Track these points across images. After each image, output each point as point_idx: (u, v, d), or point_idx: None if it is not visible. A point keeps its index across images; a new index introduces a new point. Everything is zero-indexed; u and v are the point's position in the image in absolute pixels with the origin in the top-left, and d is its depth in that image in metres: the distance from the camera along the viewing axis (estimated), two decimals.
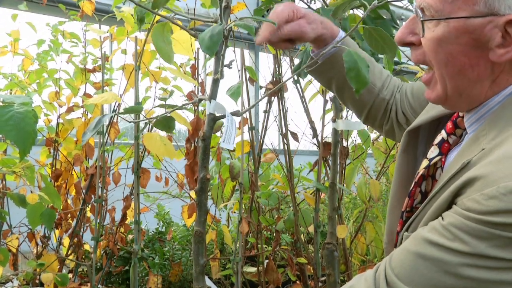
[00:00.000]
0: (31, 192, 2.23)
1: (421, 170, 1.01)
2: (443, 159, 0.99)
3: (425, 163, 1.01)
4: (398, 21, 2.04)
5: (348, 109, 2.74)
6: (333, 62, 1.31)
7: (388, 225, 1.14)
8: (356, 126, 2.28)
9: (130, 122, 1.46)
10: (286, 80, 1.15)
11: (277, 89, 1.46)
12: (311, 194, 2.60)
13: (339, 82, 1.35)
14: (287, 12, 1.19)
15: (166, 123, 1.31)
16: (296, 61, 2.53)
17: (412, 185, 1.01)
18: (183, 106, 1.44)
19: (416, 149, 1.14)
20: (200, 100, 1.24)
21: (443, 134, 1.02)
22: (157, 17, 2.01)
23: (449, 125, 1.02)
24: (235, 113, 1.17)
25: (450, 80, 0.93)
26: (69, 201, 2.78)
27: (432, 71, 0.97)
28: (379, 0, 0.98)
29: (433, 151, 1.01)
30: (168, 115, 1.29)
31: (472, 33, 0.88)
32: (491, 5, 0.86)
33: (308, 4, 2.09)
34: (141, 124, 2.44)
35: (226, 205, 2.63)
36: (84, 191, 2.67)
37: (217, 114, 1.18)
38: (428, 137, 1.12)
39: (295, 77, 2.35)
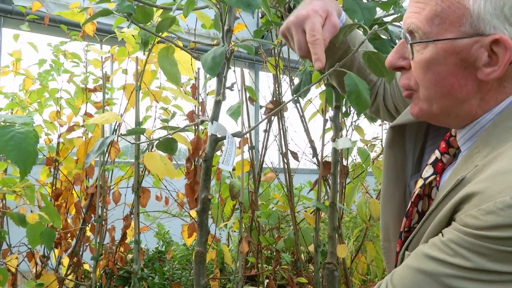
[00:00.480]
0: (31, 211, 2.23)
1: (416, 190, 1.01)
2: (437, 178, 1.00)
3: (420, 182, 1.02)
4: (396, 41, 2.06)
5: (347, 129, 2.75)
6: (332, 43, 1.26)
7: (383, 221, 1.15)
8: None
9: (132, 143, 1.47)
10: (287, 102, 1.16)
11: (278, 110, 1.48)
12: (311, 213, 2.60)
13: (330, 65, 1.30)
14: (319, 21, 1.15)
15: (168, 144, 1.32)
16: (296, 80, 2.55)
17: (409, 205, 1.02)
18: (186, 128, 1.45)
19: (403, 143, 1.14)
20: (203, 121, 1.25)
21: (436, 153, 1.03)
22: (158, 38, 2.03)
23: (443, 144, 1.03)
24: (236, 135, 1.18)
25: (439, 100, 0.94)
26: (69, 221, 2.78)
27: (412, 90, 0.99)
28: (379, 25, 0.99)
29: (428, 171, 1.02)
30: (170, 136, 1.30)
31: (460, 53, 0.89)
32: (477, 26, 0.87)
33: None
34: (142, 144, 2.45)
35: (226, 224, 2.63)
36: (84, 210, 2.66)
37: (219, 135, 1.19)
38: (417, 135, 1.13)
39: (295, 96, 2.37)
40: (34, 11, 2.85)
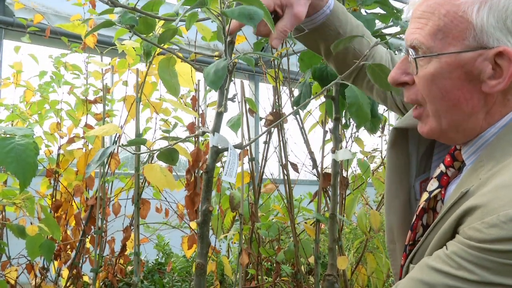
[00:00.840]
0: (31, 223, 2.23)
1: (421, 203, 1.02)
2: (442, 192, 1.00)
3: (425, 196, 1.02)
4: (396, 52, 2.07)
5: (347, 141, 2.76)
6: (322, 30, 1.26)
7: (387, 223, 1.15)
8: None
9: (132, 153, 1.47)
10: (288, 115, 1.17)
11: (278, 123, 1.48)
12: (311, 224, 2.59)
13: (326, 49, 1.30)
14: (271, 6, 1.11)
15: (169, 155, 1.31)
16: (296, 92, 2.55)
17: (414, 218, 1.02)
18: (187, 139, 1.45)
19: (406, 145, 1.14)
20: (204, 132, 1.26)
21: (441, 167, 1.03)
22: (158, 50, 2.04)
23: (448, 158, 1.03)
24: (238, 146, 1.18)
25: (446, 114, 0.94)
26: (69, 232, 2.77)
27: (422, 107, 0.98)
28: (378, 37, 1.00)
29: (433, 184, 1.02)
30: (172, 147, 1.30)
31: (464, 67, 0.90)
32: (480, 39, 0.88)
33: None
34: (142, 155, 2.45)
35: (226, 236, 2.62)
36: (83, 222, 2.66)
37: (220, 147, 1.19)
38: (420, 137, 1.12)
39: (294, 108, 2.38)
40: (35, 23, 2.87)
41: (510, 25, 0.87)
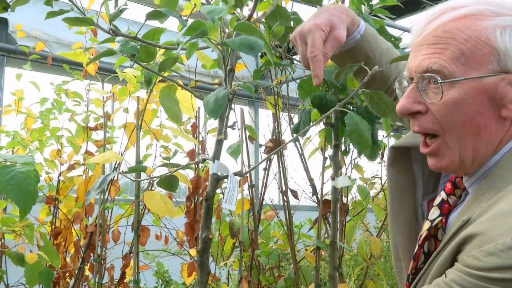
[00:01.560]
0: (30, 251, 2.22)
1: (424, 232, 1.01)
2: (443, 220, 1.00)
3: (427, 225, 1.01)
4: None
5: (347, 167, 2.76)
6: (352, 53, 1.29)
7: (392, 241, 1.15)
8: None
9: (132, 180, 1.48)
10: (287, 142, 1.18)
11: (278, 151, 1.49)
12: (311, 251, 2.58)
13: (355, 72, 1.34)
14: (320, 36, 1.16)
15: (169, 182, 1.32)
16: (295, 118, 2.56)
17: (416, 248, 1.01)
18: (187, 166, 1.46)
19: (407, 163, 1.13)
20: (204, 160, 1.26)
21: (442, 195, 1.02)
22: (159, 77, 2.06)
23: (449, 185, 1.02)
24: (238, 174, 1.19)
25: (466, 143, 0.92)
26: (68, 260, 2.76)
27: (438, 139, 0.95)
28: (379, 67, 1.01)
29: (434, 213, 1.01)
30: (171, 174, 1.31)
31: (488, 91, 0.89)
32: (504, 63, 0.88)
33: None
34: (142, 182, 2.45)
35: (226, 263, 2.61)
36: (83, 249, 2.65)
37: (220, 174, 1.20)
38: (424, 159, 1.09)
39: (294, 135, 2.38)
40: (37, 51, 2.90)
41: None
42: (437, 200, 1.03)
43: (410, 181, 1.12)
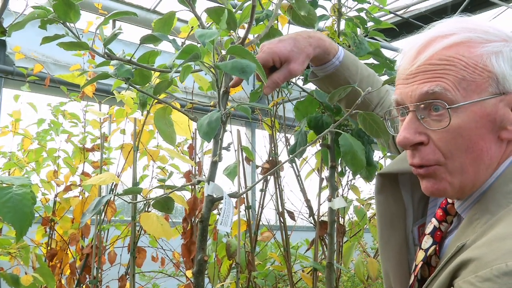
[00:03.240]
0: (25, 273, 2.20)
1: (419, 263, 1.00)
2: (437, 248, 0.99)
3: (421, 255, 1.01)
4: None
5: (343, 188, 2.76)
6: (332, 79, 1.33)
7: (383, 269, 1.14)
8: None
9: (128, 202, 1.48)
10: (283, 163, 1.18)
11: (274, 171, 1.50)
12: (308, 273, 2.57)
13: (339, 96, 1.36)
14: (269, 62, 1.21)
15: (165, 203, 1.32)
16: (292, 139, 2.57)
17: (412, 279, 1.01)
18: (183, 188, 1.46)
19: (395, 189, 1.12)
20: (199, 181, 1.27)
21: (434, 222, 1.02)
22: (155, 100, 2.07)
23: (439, 212, 1.02)
24: (233, 195, 1.19)
25: (469, 168, 0.91)
26: (63, 281, 2.74)
27: (436, 165, 0.93)
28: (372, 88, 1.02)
29: (427, 241, 1.01)
30: (167, 195, 1.31)
31: (490, 114, 0.89)
32: (502, 85, 0.90)
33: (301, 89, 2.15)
34: (139, 204, 2.45)
35: (222, 285, 2.59)
36: (78, 271, 2.63)
37: (215, 196, 1.20)
38: (414, 183, 1.10)
39: (290, 156, 2.39)
40: (35, 73, 2.91)
41: None
42: (429, 228, 1.02)
43: (399, 207, 1.12)
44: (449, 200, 1.01)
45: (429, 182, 0.95)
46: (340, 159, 2.19)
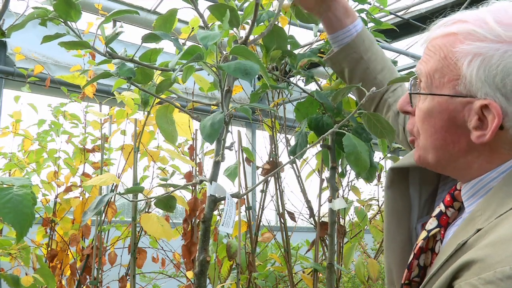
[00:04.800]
0: (26, 273, 2.20)
1: (419, 242, 1.00)
2: (442, 232, 0.99)
3: (423, 234, 1.01)
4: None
5: (344, 189, 2.76)
6: (346, 52, 1.37)
7: (386, 264, 1.14)
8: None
9: (130, 201, 1.48)
10: (284, 165, 1.18)
11: (275, 173, 1.50)
12: (309, 274, 2.57)
13: (349, 73, 1.40)
14: None
15: (167, 202, 1.32)
16: (292, 140, 2.57)
17: (411, 257, 1.01)
18: (185, 187, 1.46)
19: (404, 186, 1.14)
20: (201, 181, 1.27)
21: (441, 206, 1.02)
22: (157, 99, 2.06)
23: (447, 198, 1.02)
24: (235, 195, 1.19)
25: (433, 151, 0.97)
26: (64, 282, 2.73)
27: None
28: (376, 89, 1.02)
29: (432, 223, 1.01)
30: (170, 194, 1.31)
31: (452, 111, 0.92)
32: (470, 89, 0.90)
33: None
34: (139, 204, 2.44)
35: (223, 286, 2.59)
36: (79, 271, 2.63)
37: (218, 196, 1.20)
38: (423, 178, 1.13)
39: (291, 157, 2.39)
40: (35, 74, 2.91)
41: (499, 82, 0.87)
42: (436, 211, 1.03)
43: (406, 204, 1.13)
44: (458, 187, 1.01)
45: (415, 150, 1.03)
46: (340, 160, 2.19)
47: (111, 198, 2.59)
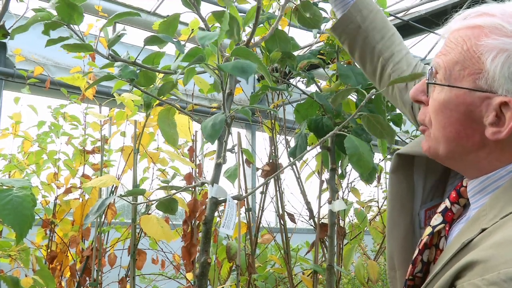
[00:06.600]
0: (26, 275, 2.20)
1: (424, 237, 1.00)
2: (447, 228, 0.99)
3: (428, 230, 1.01)
4: (389, 103, 2.11)
5: (343, 191, 2.77)
6: (346, 20, 1.37)
7: (388, 250, 1.14)
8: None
9: (130, 203, 1.48)
10: (284, 168, 1.18)
11: (275, 175, 1.50)
12: (308, 275, 2.57)
13: (349, 45, 1.40)
14: None
15: (168, 205, 1.32)
16: (292, 142, 2.58)
17: (416, 252, 1.00)
18: (187, 188, 1.46)
19: (409, 171, 1.13)
20: (203, 183, 1.27)
21: (446, 202, 1.02)
22: (157, 101, 2.07)
23: (453, 194, 1.02)
24: (236, 197, 1.19)
25: (445, 144, 0.95)
26: (63, 284, 2.73)
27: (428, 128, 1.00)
28: (372, 89, 1.03)
29: (437, 219, 1.01)
30: (171, 197, 1.31)
31: (470, 105, 0.90)
32: (491, 84, 0.88)
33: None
34: (139, 206, 2.44)
35: (223, 287, 2.59)
36: (78, 273, 2.62)
37: (219, 198, 1.20)
38: (429, 165, 1.12)
39: (291, 159, 2.39)
40: (35, 75, 2.91)
41: None
42: (441, 207, 1.03)
43: (410, 189, 1.12)
44: (464, 183, 1.01)
45: (424, 140, 1.01)
46: (340, 161, 2.20)
47: (113, 199, 2.59)
